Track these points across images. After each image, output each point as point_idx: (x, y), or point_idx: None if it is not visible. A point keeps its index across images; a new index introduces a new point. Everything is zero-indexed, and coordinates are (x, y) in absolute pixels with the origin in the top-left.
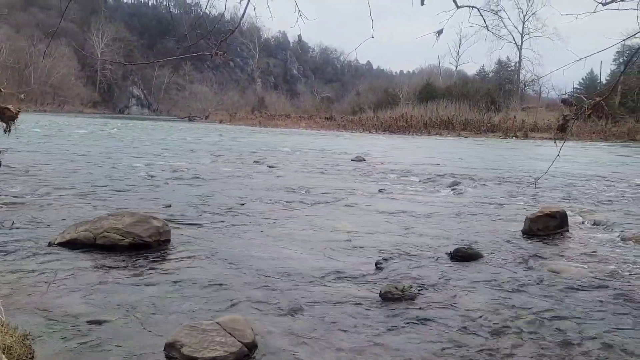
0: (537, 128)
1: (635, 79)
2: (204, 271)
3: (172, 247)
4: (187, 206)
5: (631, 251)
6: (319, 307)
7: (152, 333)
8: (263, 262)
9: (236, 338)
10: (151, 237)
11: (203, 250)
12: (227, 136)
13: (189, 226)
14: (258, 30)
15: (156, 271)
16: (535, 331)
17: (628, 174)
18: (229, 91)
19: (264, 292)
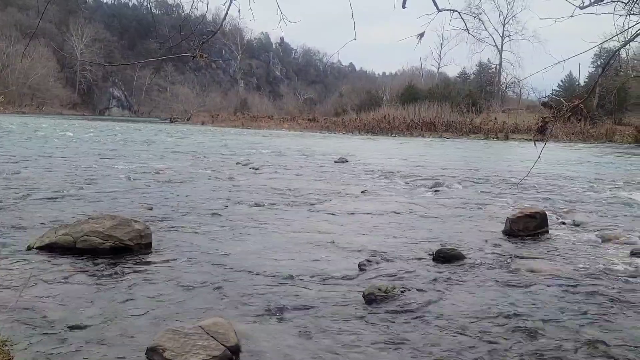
0: (517, 129)
1: (613, 81)
2: (186, 274)
3: (154, 251)
4: (169, 209)
5: (609, 251)
6: (303, 309)
7: (133, 337)
8: (246, 264)
9: (219, 341)
10: (132, 240)
11: (185, 253)
12: (209, 138)
13: (171, 229)
14: (240, 32)
15: (138, 275)
16: (516, 330)
17: (606, 175)
18: (211, 93)
19: (247, 294)
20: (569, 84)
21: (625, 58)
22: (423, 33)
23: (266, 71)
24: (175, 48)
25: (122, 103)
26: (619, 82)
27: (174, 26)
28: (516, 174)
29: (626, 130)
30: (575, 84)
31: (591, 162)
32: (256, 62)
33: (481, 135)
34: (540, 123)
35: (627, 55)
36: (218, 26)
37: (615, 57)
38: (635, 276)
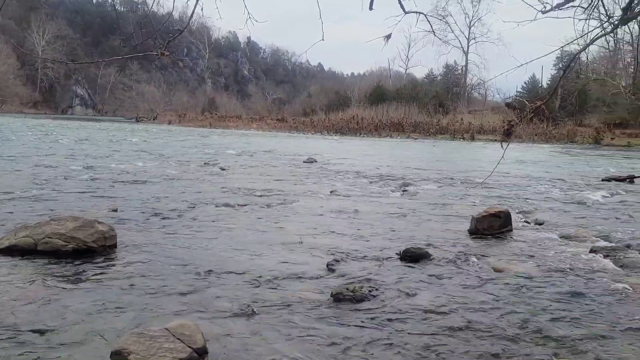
0: (483, 130)
1: (574, 84)
2: (152, 276)
3: (119, 252)
4: (134, 210)
5: (570, 248)
6: (270, 310)
7: (97, 341)
8: (213, 265)
9: (185, 344)
10: (96, 242)
11: (151, 254)
12: (176, 137)
13: (137, 230)
14: (208, 30)
15: (102, 277)
16: (480, 327)
17: (567, 175)
18: (178, 92)
19: (214, 295)
20: (533, 85)
21: (585, 61)
22: (390, 35)
23: (234, 70)
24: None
25: (85, 102)
26: (579, 85)
27: (140, 24)
28: (481, 174)
29: (586, 131)
30: (538, 85)
31: (553, 162)
32: (224, 61)
33: (448, 135)
34: (506, 126)
35: (587, 58)
36: (185, 24)
37: (576, 60)
38: (595, 273)
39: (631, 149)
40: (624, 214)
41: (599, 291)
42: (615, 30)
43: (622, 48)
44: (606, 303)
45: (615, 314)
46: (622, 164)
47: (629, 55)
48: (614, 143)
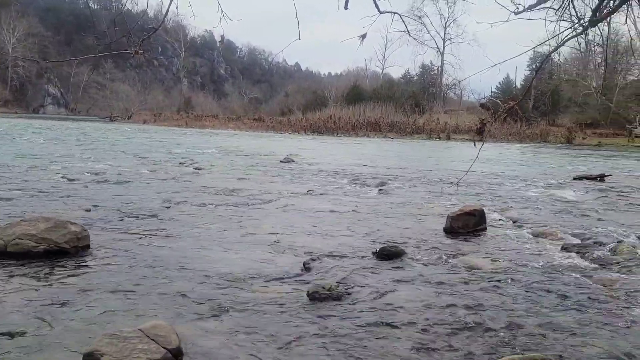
0: (458, 130)
1: (547, 84)
2: (126, 277)
3: (92, 253)
4: (108, 210)
5: (541, 245)
6: (247, 309)
7: (70, 344)
8: (188, 266)
9: (160, 344)
10: (68, 243)
11: (125, 255)
12: (151, 137)
13: (110, 231)
14: (183, 29)
15: (74, 279)
16: (455, 323)
17: (540, 173)
18: (153, 91)
19: (190, 296)
20: (507, 86)
21: (557, 62)
22: (365, 34)
23: (210, 69)
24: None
25: (58, 101)
26: (552, 85)
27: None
28: (457, 173)
29: (559, 131)
30: (512, 86)
31: (527, 161)
32: (200, 60)
33: (424, 135)
34: (478, 125)
35: (559, 59)
36: (159, 23)
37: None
38: (566, 269)
39: (601, 149)
40: (594, 212)
41: (569, 287)
42: (585, 32)
43: (593, 49)
44: (576, 298)
45: (584, 309)
46: (593, 163)
47: (599, 56)
48: (585, 143)
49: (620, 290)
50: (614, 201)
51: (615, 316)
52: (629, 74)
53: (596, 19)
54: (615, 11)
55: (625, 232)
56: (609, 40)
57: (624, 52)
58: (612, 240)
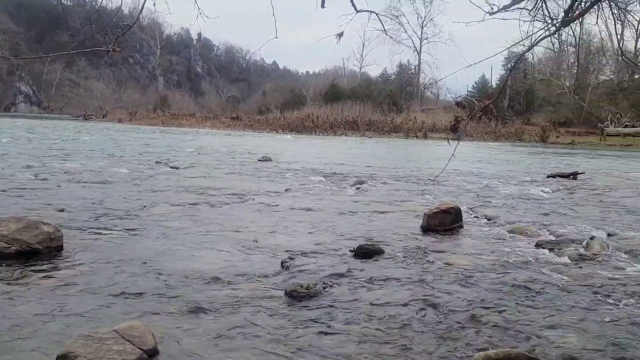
0: (435, 129)
1: (521, 84)
2: (100, 277)
3: (66, 254)
4: (82, 210)
5: (516, 242)
6: (224, 309)
7: (43, 346)
8: (164, 266)
9: (135, 345)
10: (41, 243)
11: (99, 255)
12: (126, 136)
13: (85, 231)
14: (159, 26)
15: (47, 280)
16: (432, 320)
17: (515, 171)
18: (128, 89)
19: (165, 296)
20: (483, 85)
21: (532, 62)
22: (342, 33)
23: (187, 68)
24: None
25: (30, 99)
26: (527, 85)
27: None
28: (434, 171)
29: (533, 129)
30: (488, 85)
31: (502, 159)
32: (176, 58)
33: (402, 134)
34: (453, 122)
35: (533, 59)
36: (134, 20)
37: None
38: (540, 265)
39: (574, 147)
40: (567, 209)
41: (544, 283)
42: (558, 32)
43: (566, 50)
44: (549, 294)
45: (558, 304)
46: (566, 161)
47: (572, 56)
48: (559, 141)
49: (592, 285)
50: (586, 198)
51: (588, 311)
52: (601, 74)
53: (568, 19)
54: (586, 12)
55: (596, 228)
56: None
57: (596, 52)
58: (584, 237)
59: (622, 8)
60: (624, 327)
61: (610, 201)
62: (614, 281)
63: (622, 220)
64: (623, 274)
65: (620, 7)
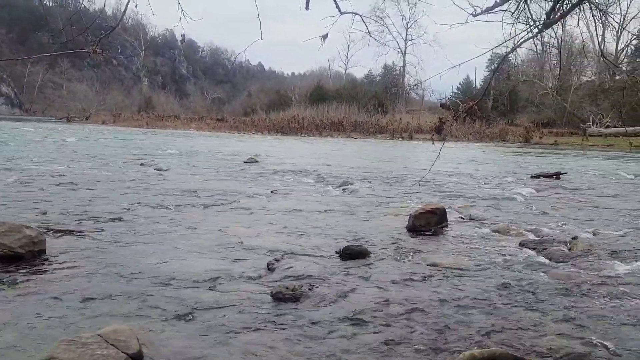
0: (420, 130)
1: (505, 85)
2: (84, 281)
3: (49, 258)
4: (65, 213)
5: (500, 242)
6: (209, 312)
7: (26, 351)
8: (149, 269)
9: (120, 349)
10: (24, 247)
11: (83, 259)
12: (110, 138)
13: (68, 234)
14: (143, 28)
15: (30, 284)
16: (418, 321)
17: (500, 172)
18: (112, 91)
19: (150, 299)
20: (467, 86)
21: (515, 63)
22: (326, 35)
23: (172, 69)
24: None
25: (11, 101)
26: (510, 86)
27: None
28: (419, 172)
29: (517, 130)
30: (472, 86)
31: (486, 160)
32: (161, 60)
33: (387, 135)
34: (437, 123)
35: (516, 60)
36: (117, 21)
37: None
38: (524, 265)
39: (557, 147)
40: (550, 209)
41: (527, 282)
42: (541, 34)
43: (549, 51)
44: (533, 293)
45: (541, 303)
46: (550, 162)
47: (555, 58)
48: (542, 141)
49: (575, 285)
50: (569, 198)
51: (571, 310)
52: (583, 75)
53: (549, 21)
54: (567, 14)
55: (579, 228)
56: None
57: (578, 54)
58: (567, 236)
59: (603, 10)
60: (608, 326)
61: (592, 201)
62: (596, 280)
63: (604, 219)
64: (605, 273)
65: (601, 10)
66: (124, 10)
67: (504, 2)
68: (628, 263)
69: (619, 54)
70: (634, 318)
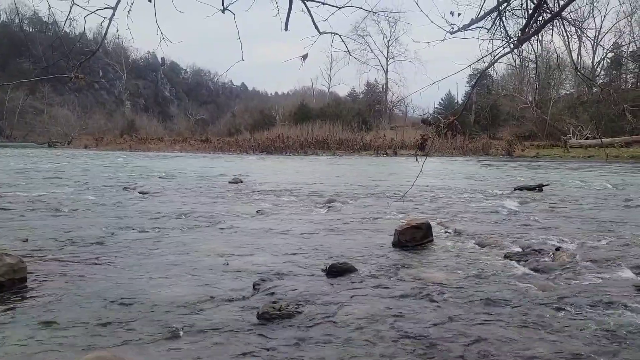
0: (404, 145)
1: (486, 99)
2: (66, 308)
3: (30, 286)
4: (47, 240)
5: (485, 255)
6: (194, 334)
7: None
8: (133, 293)
9: None
10: (4, 275)
11: (65, 285)
12: (93, 162)
13: (50, 261)
14: (125, 51)
15: (10, 313)
16: (404, 336)
17: (483, 185)
18: (94, 114)
19: (134, 324)
20: (449, 101)
21: (495, 78)
22: (306, 55)
23: (154, 92)
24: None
25: None
26: (491, 100)
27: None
28: (404, 188)
29: (500, 144)
30: (454, 101)
31: (470, 174)
32: (143, 82)
33: (372, 151)
34: (420, 140)
35: (496, 75)
36: (98, 45)
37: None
38: (509, 277)
39: (539, 159)
40: (534, 221)
41: (512, 295)
42: (518, 49)
43: (527, 66)
44: (518, 306)
45: (526, 315)
46: (532, 174)
47: (533, 72)
48: (524, 154)
49: (559, 297)
50: (552, 210)
51: (555, 321)
52: (562, 88)
53: (524, 37)
54: (540, 30)
55: (562, 239)
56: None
57: (556, 67)
58: (551, 248)
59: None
60: (591, 337)
61: (574, 212)
62: (579, 290)
63: (586, 230)
64: (588, 283)
65: (575, 25)
66: (104, 34)
67: (480, 19)
68: (610, 272)
69: (596, 67)
70: (619, 328)
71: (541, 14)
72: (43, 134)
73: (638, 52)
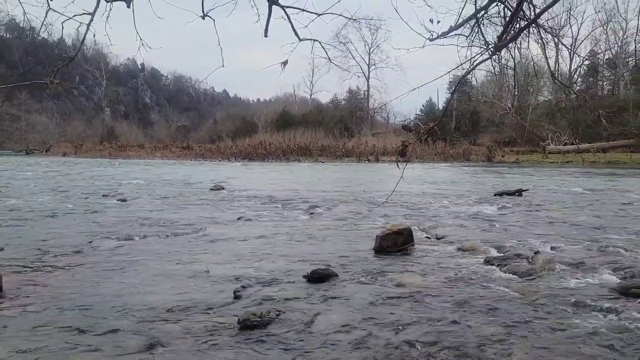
0: (386, 152)
1: (466, 106)
2: (44, 319)
3: (5, 296)
4: (23, 249)
5: (466, 260)
6: (176, 343)
7: None
8: (112, 301)
9: None
10: None
11: (43, 296)
12: (72, 170)
13: (26, 271)
14: (104, 57)
15: None
16: (386, 341)
17: (464, 191)
18: (73, 121)
19: (116, 333)
20: (430, 108)
21: (475, 85)
22: (286, 61)
23: (135, 98)
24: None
25: None
26: (471, 107)
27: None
28: (386, 193)
29: (480, 149)
30: (435, 108)
31: (451, 179)
32: (123, 89)
33: (354, 158)
34: (401, 147)
35: (476, 82)
36: (76, 51)
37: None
38: (489, 281)
39: (519, 165)
40: (513, 226)
41: (492, 298)
42: (496, 56)
43: (507, 72)
44: (498, 309)
45: (506, 318)
46: (512, 179)
47: (512, 79)
48: (504, 160)
49: (538, 299)
50: (531, 214)
51: (534, 323)
52: (540, 95)
53: (501, 44)
54: (517, 38)
55: (540, 242)
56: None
57: (534, 75)
58: (529, 252)
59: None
60: (569, 339)
61: (552, 216)
62: (557, 293)
63: (564, 233)
64: (566, 286)
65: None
66: (82, 40)
67: (458, 26)
68: (588, 276)
69: (573, 74)
70: (597, 330)
71: (518, 21)
72: (20, 141)
73: (613, 59)
